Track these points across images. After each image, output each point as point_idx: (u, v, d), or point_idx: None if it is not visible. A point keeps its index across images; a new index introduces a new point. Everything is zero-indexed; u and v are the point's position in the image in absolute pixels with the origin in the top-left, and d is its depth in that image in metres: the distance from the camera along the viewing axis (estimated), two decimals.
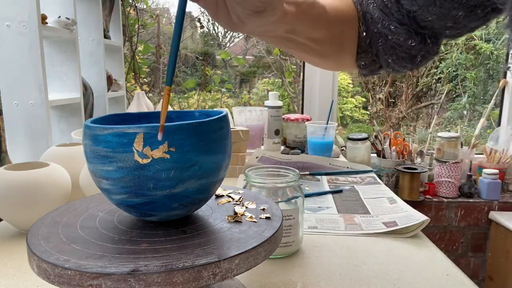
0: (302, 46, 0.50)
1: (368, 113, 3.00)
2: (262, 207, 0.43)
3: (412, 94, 2.93)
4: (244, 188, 0.55)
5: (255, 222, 0.39)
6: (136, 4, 2.15)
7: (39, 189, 0.61)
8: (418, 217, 0.70)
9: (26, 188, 0.60)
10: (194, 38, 2.86)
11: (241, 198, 0.47)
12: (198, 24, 2.42)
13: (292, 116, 1.46)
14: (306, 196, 0.87)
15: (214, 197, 0.48)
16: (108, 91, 1.61)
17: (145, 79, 2.39)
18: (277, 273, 0.55)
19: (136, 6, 2.15)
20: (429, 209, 1.70)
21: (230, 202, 0.46)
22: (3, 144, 0.99)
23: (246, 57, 2.92)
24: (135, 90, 2.11)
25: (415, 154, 1.74)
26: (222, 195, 0.48)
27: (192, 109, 2.45)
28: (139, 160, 0.34)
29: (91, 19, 1.51)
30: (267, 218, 0.40)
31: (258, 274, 0.54)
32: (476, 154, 1.87)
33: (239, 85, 2.94)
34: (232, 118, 1.40)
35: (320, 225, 0.71)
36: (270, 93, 1.42)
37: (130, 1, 2.13)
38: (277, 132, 1.40)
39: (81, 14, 1.47)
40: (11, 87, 1.04)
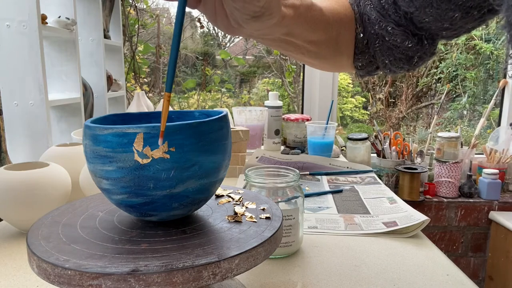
0: (300, 48, 0.50)
1: (368, 113, 3.00)
2: (262, 207, 0.43)
3: (412, 94, 2.93)
4: (244, 188, 0.55)
5: (255, 222, 0.39)
6: (136, 4, 2.15)
7: (39, 189, 0.61)
8: (418, 217, 0.70)
9: (26, 188, 0.60)
10: (194, 38, 2.86)
11: (241, 198, 0.47)
12: (198, 24, 2.42)
13: (292, 116, 1.46)
14: (306, 196, 0.87)
15: (214, 197, 0.48)
16: (108, 91, 1.61)
17: (145, 79, 2.39)
18: (277, 273, 0.55)
19: (136, 6, 2.15)
20: (429, 209, 1.70)
21: (230, 202, 0.46)
22: (3, 144, 0.99)
23: (246, 57, 2.92)
24: (135, 90, 2.11)
25: (415, 154, 1.74)
26: (222, 195, 0.48)
27: (192, 109, 2.45)
28: (139, 160, 0.34)
29: (91, 19, 1.51)
30: (267, 218, 0.40)
31: (258, 274, 0.54)
32: (476, 154, 1.87)
33: (239, 85, 2.94)
34: (232, 118, 1.40)
35: (320, 225, 0.71)
36: (270, 93, 1.42)
37: (130, 1, 2.13)
38: (277, 132, 1.40)
39: (81, 14, 1.47)
40: (11, 87, 1.04)
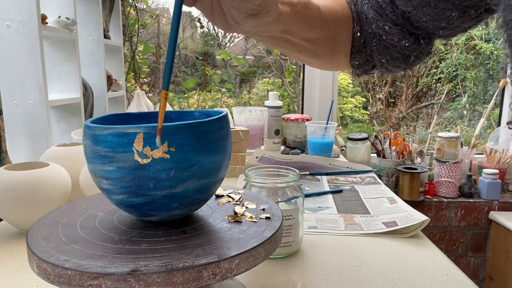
0: (297, 46, 0.50)
1: (368, 113, 3.00)
2: (262, 207, 0.43)
3: (412, 94, 2.93)
4: (244, 188, 0.55)
5: (255, 222, 0.39)
6: (136, 4, 2.15)
7: (39, 189, 0.61)
8: (418, 217, 0.70)
9: (26, 188, 0.60)
10: (194, 38, 2.86)
11: (241, 198, 0.47)
12: (198, 24, 2.42)
13: (292, 116, 1.46)
14: (306, 196, 0.87)
15: (214, 197, 0.48)
16: (108, 91, 1.61)
17: (145, 79, 2.39)
18: (277, 273, 0.55)
19: (136, 6, 2.15)
20: (429, 209, 1.70)
21: (230, 202, 0.46)
22: (3, 144, 0.99)
23: (246, 57, 2.92)
24: (135, 90, 2.11)
25: (415, 154, 1.74)
26: (222, 195, 0.48)
27: (192, 109, 2.45)
28: (139, 160, 0.34)
29: (91, 19, 1.50)
30: (267, 218, 0.40)
31: (258, 274, 0.54)
32: (476, 154, 1.87)
33: (239, 85, 2.94)
34: (232, 118, 1.39)
35: (320, 225, 0.71)
36: (270, 93, 1.42)
37: (130, 1, 2.13)
38: (277, 132, 1.40)
39: (81, 14, 1.47)
40: (11, 87, 1.03)
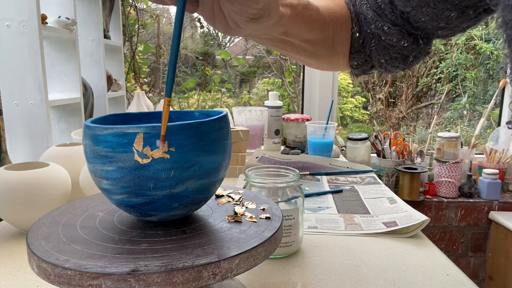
0: (296, 48, 0.50)
1: (368, 113, 3.00)
2: (262, 207, 0.43)
3: (412, 94, 2.93)
4: (244, 188, 0.55)
5: (255, 222, 0.39)
6: (136, 4, 2.15)
7: (39, 189, 0.61)
8: (418, 217, 0.70)
9: (26, 188, 0.60)
10: (194, 38, 2.86)
11: (241, 198, 0.47)
12: (198, 24, 2.42)
13: (292, 116, 1.46)
14: (306, 196, 0.87)
15: (214, 197, 0.48)
16: (108, 91, 1.61)
17: (145, 79, 2.39)
18: (277, 273, 0.55)
19: (136, 6, 2.15)
20: (429, 209, 1.70)
21: (230, 202, 0.46)
22: (3, 144, 0.99)
23: (246, 57, 2.92)
24: (135, 90, 2.11)
25: (415, 154, 1.74)
26: (222, 195, 0.48)
27: (192, 109, 2.45)
28: (139, 160, 0.34)
29: (91, 19, 1.50)
30: (267, 218, 0.40)
31: (258, 274, 0.54)
32: (476, 154, 1.87)
33: (239, 85, 2.94)
34: (232, 118, 1.39)
35: (320, 225, 0.71)
36: (270, 93, 1.42)
37: (130, 1, 2.13)
38: (277, 132, 1.40)
39: (81, 14, 1.47)
40: (11, 87, 1.03)
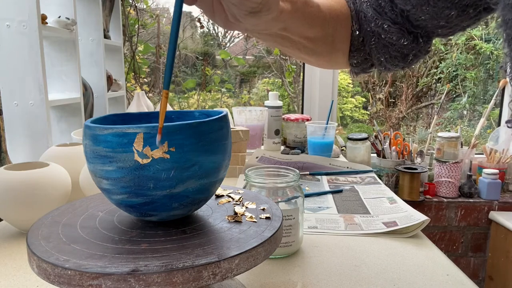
0: (296, 44, 0.50)
1: (368, 113, 3.00)
2: (262, 207, 0.43)
3: (412, 94, 2.93)
4: (244, 188, 0.55)
5: (255, 222, 0.39)
6: (136, 4, 2.15)
7: (39, 189, 0.61)
8: (418, 217, 0.70)
9: (26, 188, 0.60)
10: (194, 38, 2.86)
11: (241, 198, 0.47)
12: (198, 24, 2.42)
13: (292, 116, 1.46)
14: (306, 196, 0.87)
15: (214, 197, 0.48)
16: (108, 91, 1.61)
17: (145, 79, 2.39)
18: (277, 273, 0.55)
19: (136, 6, 2.15)
20: (429, 209, 1.70)
21: (230, 202, 0.46)
22: (3, 144, 0.99)
23: (246, 57, 2.92)
24: (135, 90, 2.11)
25: (415, 154, 1.74)
26: (222, 195, 0.48)
27: (192, 109, 2.45)
28: (139, 160, 0.34)
29: (91, 19, 1.50)
30: (267, 218, 0.40)
31: (258, 274, 0.54)
32: (476, 154, 1.87)
33: (239, 85, 2.94)
34: (232, 118, 1.39)
35: (320, 225, 0.71)
36: (270, 93, 1.42)
37: (130, 1, 2.13)
38: (277, 132, 1.40)
39: (81, 14, 1.47)
40: (11, 87, 1.03)
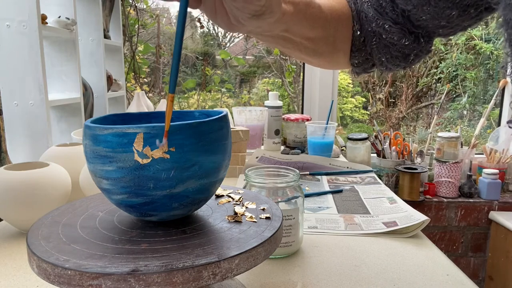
0: (297, 45, 0.50)
1: (368, 113, 3.00)
2: (262, 207, 0.43)
3: (412, 94, 2.93)
4: (244, 188, 0.55)
5: (255, 222, 0.39)
6: (136, 4, 2.15)
7: (39, 189, 0.61)
8: (418, 217, 0.70)
9: (26, 188, 0.60)
10: (194, 38, 2.86)
11: (241, 198, 0.47)
12: (198, 24, 2.42)
13: (292, 116, 1.46)
14: (306, 196, 0.87)
15: (214, 197, 0.48)
16: (108, 91, 1.61)
17: (145, 79, 2.39)
18: (277, 273, 0.55)
19: (136, 6, 2.15)
20: (429, 209, 1.70)
21: (230, 202, 0.46)
22: (3, 144, 0.99)
23: (246, 57, 2.92)
24: (135, 90, 2.11)
25: (415, 154, 1.74)
26: (222, 195, 0.48)
27: (192, 109, 2.45)
28: (139, 160, 0.34)
29: (91, 19, 1.50)
30: (267, 218, 0.40)
31: (258, 274, 0.54)
32: (476, 154, 1.87)
33: (239, 85, 2.94)
34: (232, 118, 1.39)
35: (320, 225, 0.71)
36: (270, 93, 1.42)
37: (130, 1, 2.13)
38: (277, 132, 1.40)
39: (81, 14, 1.47)
40: (11, 87, 1.03)
